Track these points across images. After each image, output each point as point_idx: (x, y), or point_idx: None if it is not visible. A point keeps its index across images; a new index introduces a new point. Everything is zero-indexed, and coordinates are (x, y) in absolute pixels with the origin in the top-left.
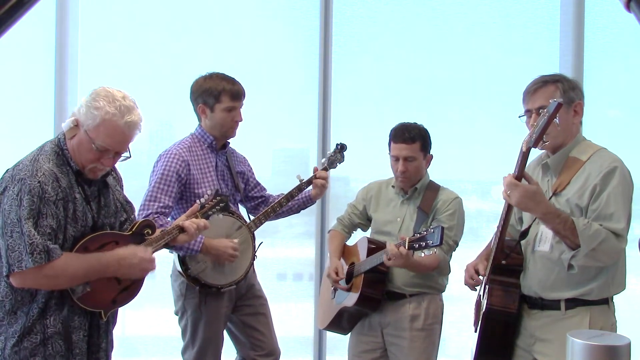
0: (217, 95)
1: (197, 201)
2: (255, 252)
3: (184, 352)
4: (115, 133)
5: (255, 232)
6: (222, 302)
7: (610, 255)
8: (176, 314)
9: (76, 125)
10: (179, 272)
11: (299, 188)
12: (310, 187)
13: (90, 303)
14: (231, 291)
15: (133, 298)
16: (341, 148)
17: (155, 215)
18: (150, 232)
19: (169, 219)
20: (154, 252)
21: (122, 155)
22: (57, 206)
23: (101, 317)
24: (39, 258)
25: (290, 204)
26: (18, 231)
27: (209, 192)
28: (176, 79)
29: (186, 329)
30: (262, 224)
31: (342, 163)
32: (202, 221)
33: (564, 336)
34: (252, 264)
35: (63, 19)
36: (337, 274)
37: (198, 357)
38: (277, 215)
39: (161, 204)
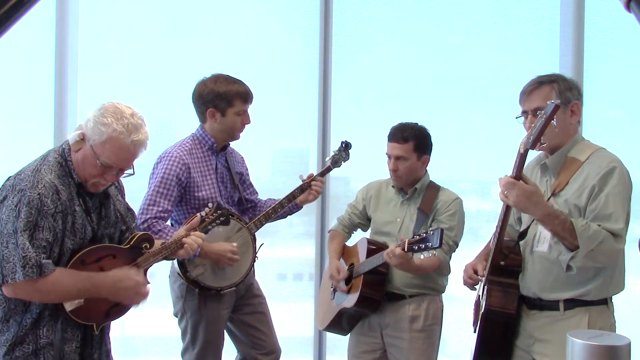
0: (230, 100)
1: (198, 215)
2: (256, 253)
3: (184, 353)
4: (120, 151)
5: (255, 233)
6: (222, 303)
7: (608, 256)
8: (175, 315)
9: (82, 139)
10: (177, 273)
11: (302, 188)
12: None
13: (83, 316)
14: (231, 292)
15: (126, 312)
16: (346, 146)
17: (154, 220)
18: (148, 246)
19: (168, 222)
20: (151, 265)
21: (126, 172)
22: (55, 219)
23: (93, 329)
24: (30, 272)
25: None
26: (14, 242)
27: (210, 204)
28: (176, 79)
29: (186, 330)
30: (262, 225)
31: (346, 161)
32: (201, 237)
33: (563, 336)
34: (253, 265)
35: (63, 19)
36: (338, 272)
37: (199, 359)
38: (277, 216)
39: (160, 208)
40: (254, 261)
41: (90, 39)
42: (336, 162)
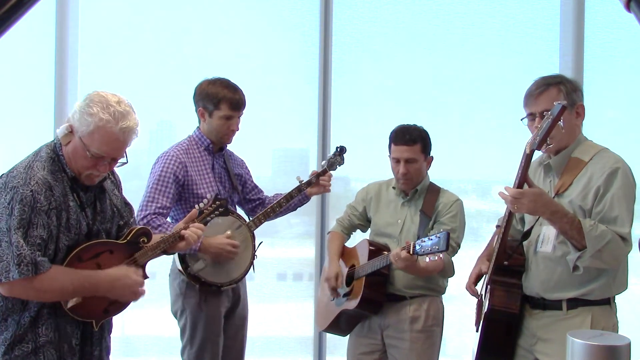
0: (217, 103)
1: (196, 206)
2: (255, 251)
3: (182, 351)
4: (110, 140)
5: (255, 232)
6: (222, 301)
7: (616, 257)
8: (174, 313)
9: (71, 131)
10: (178, 270)
11: (299, 189)
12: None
13: (81, 313)
14: (228, 292)
15: (125, 308)
16: (340, 151)
17: (153, 216)
18: (145, 241)
19: (168, 219)
20: (149, 260)
21: (119, 161)
22: (49, 216)
23: (93, 326)
24: (25, 270)
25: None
26: (7, 241)
27: (208, 196)
28: (176, 79)
29: (185, 328)
30: (261, 223)
31: (341, 165)
32: (201, 228)
33: (566, 336)
34: (252, 263)
35: (63, 19)
36: (337, 278)
37: (197, 357)
38: (276, 215)
39: (159, 205)
40: (254, 259)
41: (90, 38)
42: (332, 165)
